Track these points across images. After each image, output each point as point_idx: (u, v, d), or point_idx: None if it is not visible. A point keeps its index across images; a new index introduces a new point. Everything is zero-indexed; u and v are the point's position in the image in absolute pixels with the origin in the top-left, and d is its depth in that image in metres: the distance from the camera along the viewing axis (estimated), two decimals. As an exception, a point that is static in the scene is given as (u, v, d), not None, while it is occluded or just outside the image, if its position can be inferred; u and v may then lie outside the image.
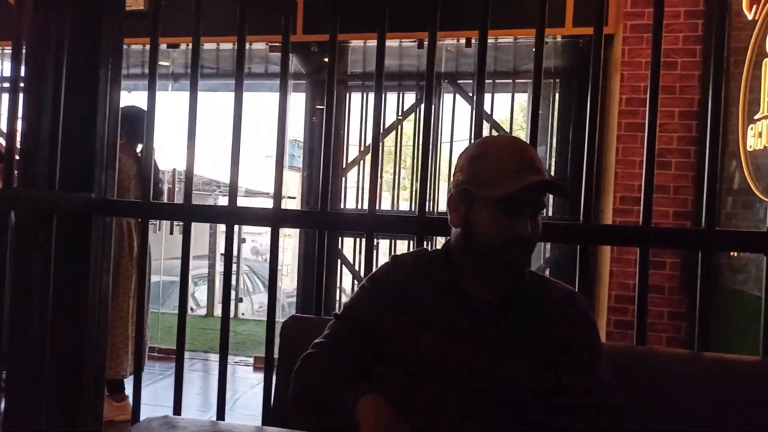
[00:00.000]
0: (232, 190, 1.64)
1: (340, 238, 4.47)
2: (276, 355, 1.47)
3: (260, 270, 7.65)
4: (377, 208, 4.65)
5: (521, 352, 1.06)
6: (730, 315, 3.05)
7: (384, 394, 1.05)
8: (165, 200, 3.26)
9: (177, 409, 1.69)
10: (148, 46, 1.70)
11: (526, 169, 1.04)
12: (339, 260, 4.40)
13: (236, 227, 1.77)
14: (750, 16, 2.94)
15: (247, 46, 4.39)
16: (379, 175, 1.63)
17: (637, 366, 1.25)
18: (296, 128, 4.72)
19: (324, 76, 4.52)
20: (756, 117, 2.82)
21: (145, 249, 1.78)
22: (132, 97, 4.85)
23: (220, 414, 1.66)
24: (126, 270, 2.82)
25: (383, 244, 4.37)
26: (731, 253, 3.04)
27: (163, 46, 4.49)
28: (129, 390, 2.80)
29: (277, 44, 4.26)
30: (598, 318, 3.68)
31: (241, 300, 6.07)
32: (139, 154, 2.98)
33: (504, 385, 1.04)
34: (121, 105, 1.77)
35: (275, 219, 1.64)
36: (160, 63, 4.93)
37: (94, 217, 1.67)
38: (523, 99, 4.96)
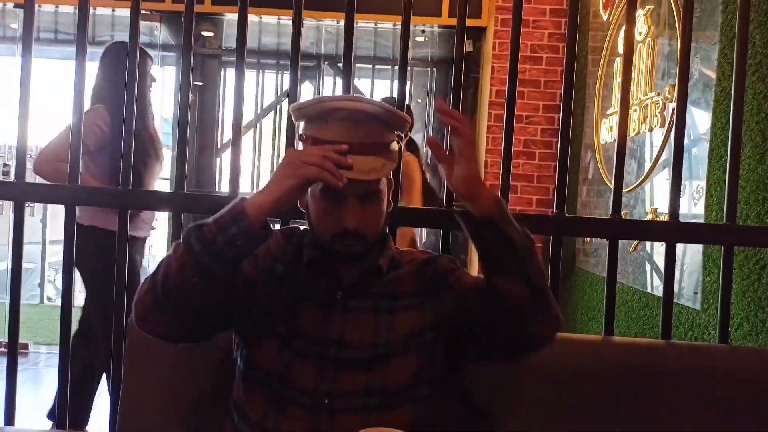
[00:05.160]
0: (74, 168, 1.48)
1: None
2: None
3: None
4: (257, 189, 4.53)
5: (394, 318, 1.05)
6: (584, 295, 3.31)
7: (259, 365, 1.04)
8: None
9: (9, 417, 1.51)
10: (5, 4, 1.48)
11: (353, 151, 0.96)
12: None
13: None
14: (605, 18, 3.17)
15: (111, 11, 4.06)
16: (239, 155, 1.54)
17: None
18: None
19: (198, 48, 4.30)
20: (608, 112, 3.06)
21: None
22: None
23: (61, 421, 1.50)
24: None
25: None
26: (584, 239, 3.29)
27: (9, 5, 4.02)
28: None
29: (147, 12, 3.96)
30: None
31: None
32: None
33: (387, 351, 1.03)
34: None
35: (124, 201, 1.51)
36: (9, 25, 4.42)
37: None
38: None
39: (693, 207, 2.15)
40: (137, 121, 1.51)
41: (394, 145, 1.06)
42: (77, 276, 2.26)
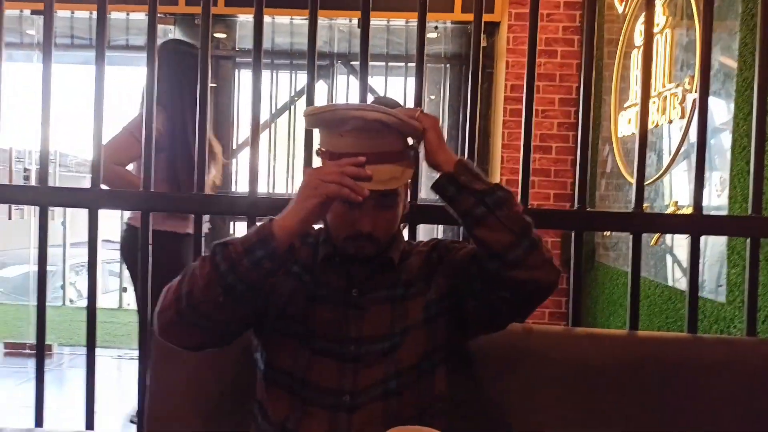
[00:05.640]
0: (95, 171, 1.50)
1: (231, 224, 4.33)
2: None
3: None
4: (272, 191, 4.55)
5: (407, 308, 1.07)
6: (605, 290, 3.28)
7: (279, 366, 1.05)
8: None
9: (38, 419, 1.53)
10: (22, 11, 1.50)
11: (370, 162, 0.97)
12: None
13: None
14: (621, 10, 3.13)
15: (125, 15, 4.10)
16: (257, 155, 1.54)
17: (517, 344, 1.29)
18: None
19: (212, 50, 4.31)
20: (626, 105, 3.02)
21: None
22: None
23: (89, 423, 1.52)
24: None
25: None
26: (604, 232, 3.26)
27: (25, 12, 4.06)
28: None
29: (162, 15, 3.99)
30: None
31: (125, 290, 5.68)
32: None
33: (402, 346, 1.04)
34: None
35: (145, 204, 1.52)
36: (26, 32, 4.48)
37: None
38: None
39: (716, 198, 2.12)
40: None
41: (409, 151, 1.06)
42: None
